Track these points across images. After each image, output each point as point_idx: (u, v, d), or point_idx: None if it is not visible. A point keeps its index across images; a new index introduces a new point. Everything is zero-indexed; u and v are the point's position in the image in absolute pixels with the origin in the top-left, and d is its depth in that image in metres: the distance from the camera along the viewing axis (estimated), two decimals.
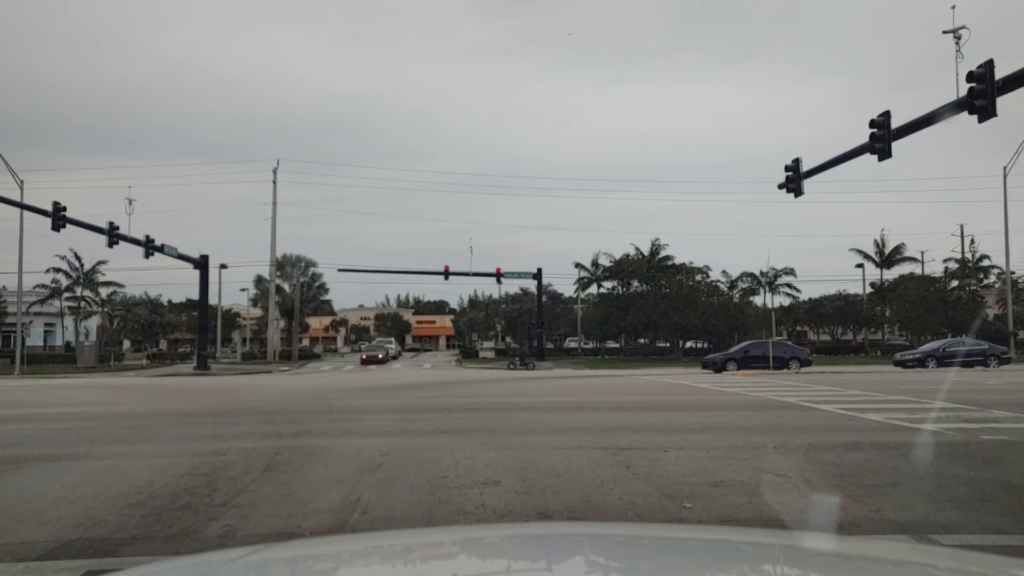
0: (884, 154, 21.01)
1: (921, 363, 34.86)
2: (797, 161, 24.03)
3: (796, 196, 24.05)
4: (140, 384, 30.24)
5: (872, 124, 21.17)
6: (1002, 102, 16.72)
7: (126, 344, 76.60)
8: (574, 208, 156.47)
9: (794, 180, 23.94)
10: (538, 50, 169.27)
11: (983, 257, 58.43)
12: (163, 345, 76.30)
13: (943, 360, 34.06)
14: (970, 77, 16.87)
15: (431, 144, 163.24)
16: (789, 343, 35.10)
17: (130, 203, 38.24)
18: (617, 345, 62.28)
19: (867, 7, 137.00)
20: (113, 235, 36.88)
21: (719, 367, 31.76)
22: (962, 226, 60.03)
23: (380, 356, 49.34)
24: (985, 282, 59.22)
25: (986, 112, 16.43)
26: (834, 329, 63.60)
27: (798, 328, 73.71)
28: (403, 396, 21.03)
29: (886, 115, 21.15)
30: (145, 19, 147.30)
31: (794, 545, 2.20)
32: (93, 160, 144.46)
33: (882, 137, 21.03)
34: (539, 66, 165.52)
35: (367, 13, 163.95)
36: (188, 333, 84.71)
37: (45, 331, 74.13)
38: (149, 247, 39.84)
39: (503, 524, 5.89)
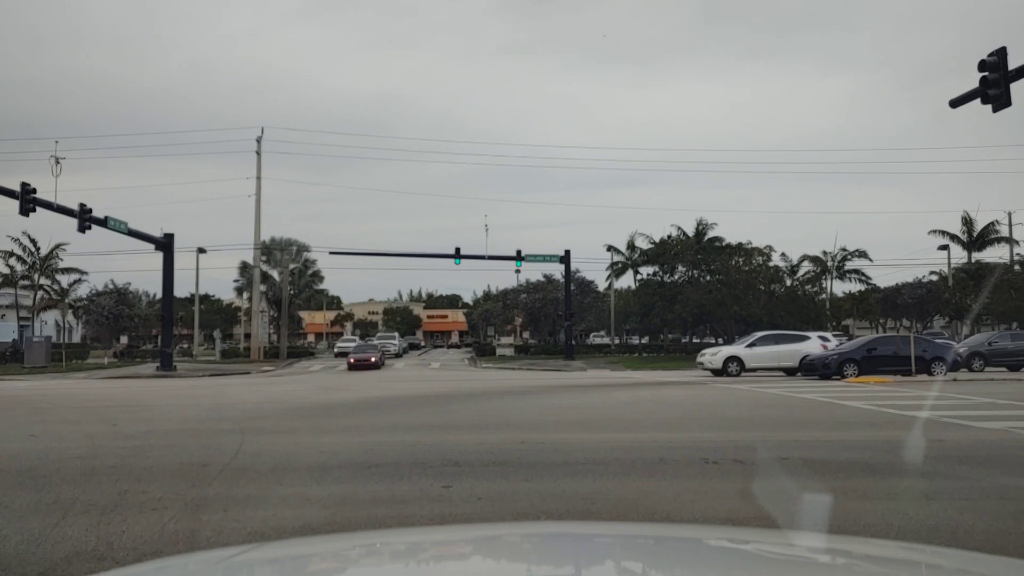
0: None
1: None
2: (1000, 54, 15.53)
3: (997, 108, 15.56)
4: (40, 393, 22.07)
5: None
6: None
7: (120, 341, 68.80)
8: (592, 204, 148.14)
9: (996, 84, 15.45)
10: (558, 48, 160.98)
11: None
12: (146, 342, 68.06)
13: None
14: None
15: (450, 141, 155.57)
16: (929, 339, 26.36)
17: (57, 162, 30.04)
18: (648, 341, 53.84)
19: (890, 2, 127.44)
20: (30, 200, 28.76)
21: (831, 371, 23.16)
22: (1010, 214, 50.37)
23: (372, 359, 38.18)
24: None
25: None
26: (911, 321, 54.95)
27: (841, 322, 65.01)
28: (382, 422, 12.82)
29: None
30: (168, 19, 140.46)
31: (804, 546, 2.04)
32: (102, 161, 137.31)
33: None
34: (559, 64, 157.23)
35: (389, 13, 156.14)
36: (180, 329, 77.21)
37: (21, 326, 66.99)
38: (85, 219, 31.73)
39: (506, 524, 5.05)
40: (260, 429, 12.00)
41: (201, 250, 52.06)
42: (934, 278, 51.00)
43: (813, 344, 26.48)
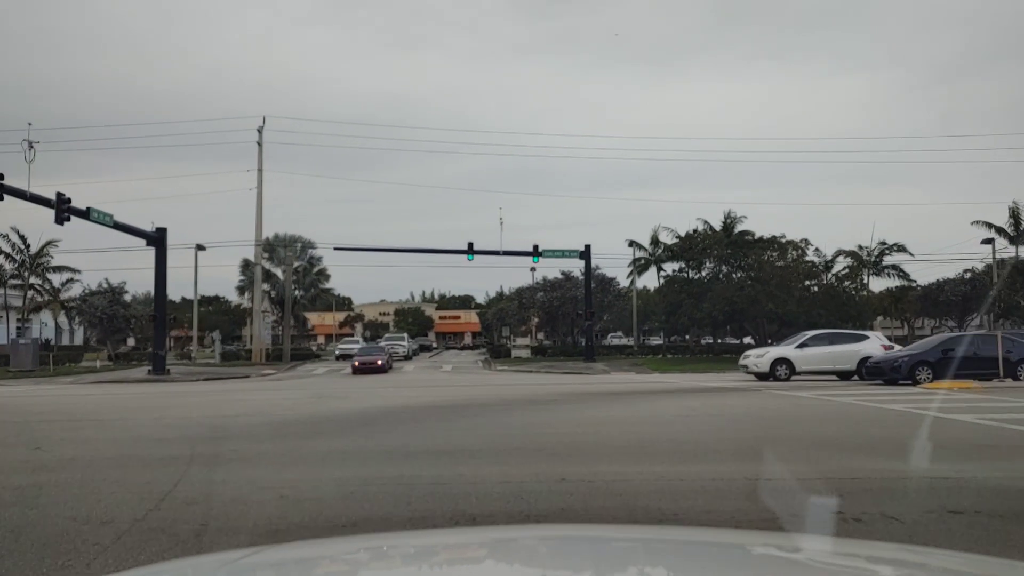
0: None
1: None
2: None
3: None
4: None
5: None
6: None
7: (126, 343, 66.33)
8: (610, 197, 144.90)
9: None
10: (571, 47, 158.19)
11: None
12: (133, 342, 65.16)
13: None
14: None
15: (467, 131, 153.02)
16: (1016, 338, 23.10)
17: (31, 146, 27.46)
18: (670, 342, 50.91)
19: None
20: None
21: (902, 375, 20.04)
22: None
23: (378, 362, 35.49)
24: None
25: None
26: (943, 320, 51.73)
27: (867, 322, 61.90)
28: (375, 445, 10.01)
29: None
30: (187, 22, 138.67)
31: (823, 550, 1.92)
32: (109, 162, 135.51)
33: None
34: (571, 64, 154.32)
35: (402, 15, 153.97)
36: (180, 330, 74.77)
37: (18, 327, 64.93)
38: (64, 209, 29.15)
39: (521, 526, 4.69)
40: (217, 456, 9.22)
41: (200, 247, 49.50)
42: (970, 275, 47.87)
43: (872, 344, 23.48)
